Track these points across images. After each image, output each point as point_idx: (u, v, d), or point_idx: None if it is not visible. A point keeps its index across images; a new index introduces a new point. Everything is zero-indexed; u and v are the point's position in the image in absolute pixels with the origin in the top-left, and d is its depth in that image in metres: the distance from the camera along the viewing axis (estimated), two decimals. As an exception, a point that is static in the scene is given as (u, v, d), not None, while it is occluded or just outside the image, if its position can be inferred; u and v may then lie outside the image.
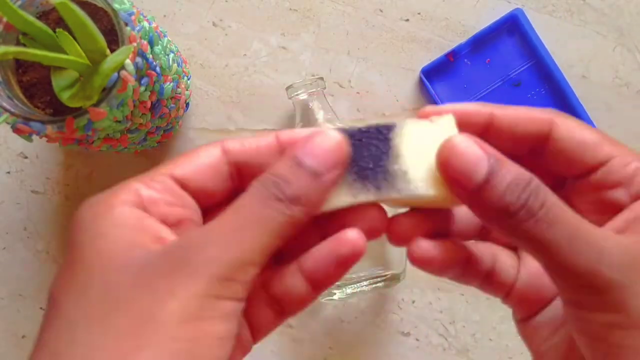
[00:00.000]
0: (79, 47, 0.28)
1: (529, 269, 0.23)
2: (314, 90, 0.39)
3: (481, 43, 0.43)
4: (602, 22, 0.43)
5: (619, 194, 0.20)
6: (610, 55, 0.43)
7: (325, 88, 0.40)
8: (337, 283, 0.27)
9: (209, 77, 0.44)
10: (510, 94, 0.43)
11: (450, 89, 0.43)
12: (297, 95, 0.39)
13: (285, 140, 0.21)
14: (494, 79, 0.43)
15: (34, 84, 0.32)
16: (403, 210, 0.21)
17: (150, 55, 0.31)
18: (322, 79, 0.40)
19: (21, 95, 0.32)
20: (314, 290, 0.20)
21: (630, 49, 0.43)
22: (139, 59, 0.30)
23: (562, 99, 0.42)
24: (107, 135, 0.33)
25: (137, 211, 0.19)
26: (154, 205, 0.19)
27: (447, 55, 0.42)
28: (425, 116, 0.21)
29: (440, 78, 0.43)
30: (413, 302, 0.42)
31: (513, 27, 0.43)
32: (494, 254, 0.23)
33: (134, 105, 0.32)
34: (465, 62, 0.43)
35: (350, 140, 0.20)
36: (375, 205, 0.20)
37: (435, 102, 0.42)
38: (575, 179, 0.21)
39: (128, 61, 0.29)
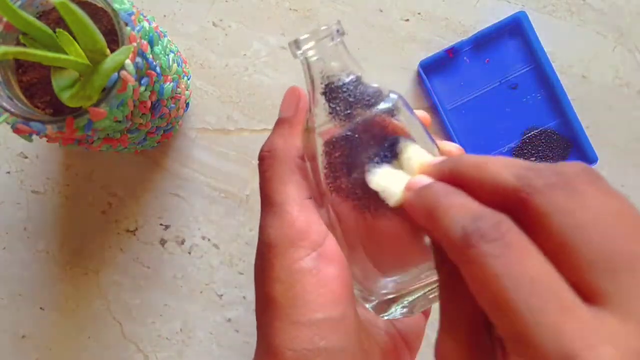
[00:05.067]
0: (79, 47, 0.28)
1: None
2: (334, 42, 0.25)
3: (482, 42, 0.43)
4: (602, 22, 0.43)
5: None
6: (610, 55, 0.43)
7: (345, 34, 0.26)
8: (392, 294, 0.24)
9: (209, 77, 0.44)
10: (505, 96, 0.43)
11: (447, 85, 0.43)
12: (308, 51, 0.24)
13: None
14: (491, 79, 0.43)
15: (34, 84, 0.32)
16: None
17: (150, 55, 0.31)
18: (339, 22, 0.25)
19: (21, 95, 0.32)
20: None
21: (630, 49, 0.43)
22: (139, 59, 0.30)
23: (557, 106, 0.42)
24: (107, 135, 0.33)
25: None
26: None
27: (447, 51, 0.42)
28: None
29: (438, 73, 0.43)
30: (413, 302, 0.42)
31: (516, 29, 0.43)
32: None
33: (134, 105, 0.32)
34: (465, 59, 0.43)
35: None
36: None
37: (431, 97, 0.42)
38: None
39: (128, 61, 0.29)
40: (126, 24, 0.29)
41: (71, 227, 0.43)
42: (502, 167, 0.17)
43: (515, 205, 0.16)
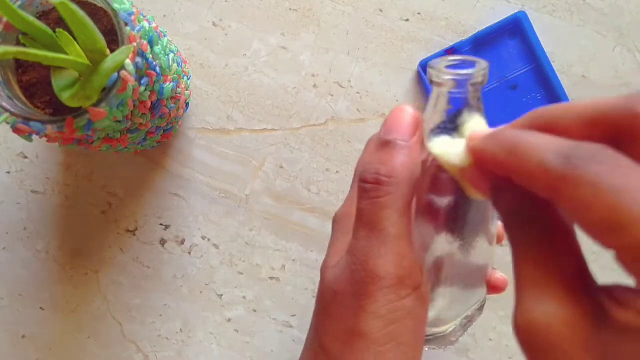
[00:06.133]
0: (79, 47, 0.28)
1: None
2: (478, 82, 0.22)
3: (482, 43, 0.43)
4: (602, 22, 0.43)
5: None
6: (610, 55, 0.43)
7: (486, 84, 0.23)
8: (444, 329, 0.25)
9: (209, 77, 0.44)
10: (506, 96, 0.43)
11: (448, 86, 0.43)
12: (447, 83, 0.23)
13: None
14: (491, 79, 0.43)
15: (34, 84, 0.32)
16: None
17: (150, 55, 0.31)
18: (487, 67, 0.23)
19: (21, 95, 0.32)
20: None
21: (630, 49, 0.43)
22: (139, 59, 0.30)
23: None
24: (107, 135, 0.33)
25: None
26: None
27: (447, 51, 0.42)
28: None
29: (438, 74, 0.43)
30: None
31: (515, 29, 0.43)
32: None
33: (134, 105, 0.32)
34: (465, 60, 0.43)
35: None
36: None
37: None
38: None
39: (128, 61, 0.29)
40: (126, 24, 0.29)
41: (71, 227, 0.43)
42: (590, 101, 0.16)
43: (616, 131, 0.16)
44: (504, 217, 0.18)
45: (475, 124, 0.21)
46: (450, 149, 0.20)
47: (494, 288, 0.30)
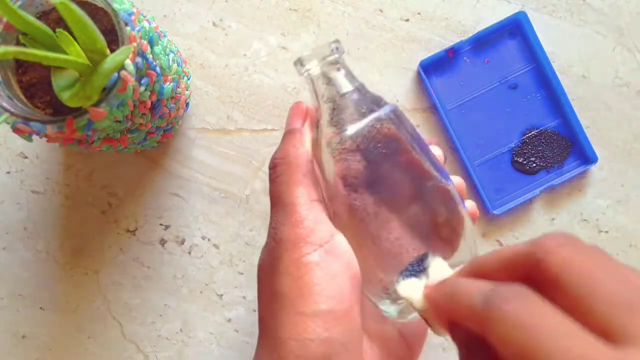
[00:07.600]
0: (79, 47, 0.28)
1: None
2: (333, 57, 0.28)
3: (482, 42, 0.43)
4: (602, 22, 0.43)
5: None
6: (610, 55, 0.43)
7: (344, 52, 0.29)
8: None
9: (209, 77, 0.44)
10: (506, 96, 0.43)
11: (447, 85, 0.43)
12: (310, 69, 0.28)
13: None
14: (491, 79, 0.43)
15: (34, 84, 0.32)
16: None
17: (150, 55, 0.31)
18: (338, 41, 0.29)
19: (21, 95, 0.32)
20: None
21: (630, 49, 0.43)
22: (139, 59, 0.30)
23: (557, 106, 0.42)
24: (107, 135, 0.33)
25: None
26: None
27: (447, 51, 0.42)
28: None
29: (438, 73, 0.43)
30: (413, 302, 0.42)
31: (515, 29, 0.43)
32: None
33: (134, 105, 0.32)
34: (465, 59, 0.43)
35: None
36: None
37: (431, 97, 0.42)
38: None
39: (128, 61, 0.29)
40: (126, 24, 0.29)
41: (71, 227, 0.43)
42: (514, 245, 0.19)
43: (529, 273, 0.18)
44: (460, 349, 0.20)
45: (437, 267, 0.24)
46: (413, 294, 0.23)
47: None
